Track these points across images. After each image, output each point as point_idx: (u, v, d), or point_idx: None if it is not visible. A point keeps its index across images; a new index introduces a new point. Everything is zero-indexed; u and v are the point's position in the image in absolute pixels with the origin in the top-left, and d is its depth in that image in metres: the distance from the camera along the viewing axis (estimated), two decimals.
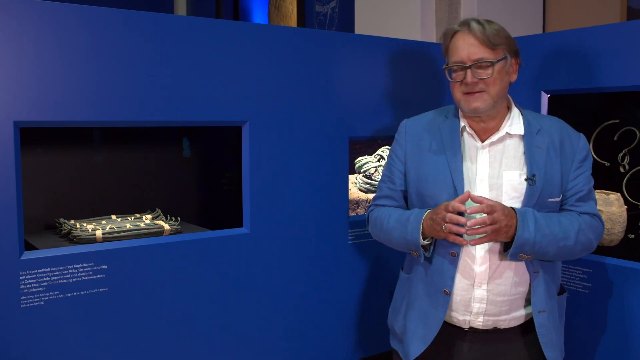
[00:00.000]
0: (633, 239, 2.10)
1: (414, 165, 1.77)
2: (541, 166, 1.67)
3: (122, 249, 1.76)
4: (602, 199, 2.05)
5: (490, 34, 1.64)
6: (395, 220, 1.74)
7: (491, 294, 1.66)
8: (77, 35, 1.66)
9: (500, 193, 1.66)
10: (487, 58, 1.63)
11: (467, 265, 1.66)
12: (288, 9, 4.72)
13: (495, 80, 1.65)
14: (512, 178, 1.66)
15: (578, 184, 1.71)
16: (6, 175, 1.58)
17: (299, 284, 2.12)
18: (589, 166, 1.75)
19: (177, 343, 1.88)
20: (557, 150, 1.70)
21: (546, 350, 1.68)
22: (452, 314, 1.71)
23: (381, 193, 1.87)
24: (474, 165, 1.69)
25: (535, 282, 1.67)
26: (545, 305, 1.68)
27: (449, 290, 1.67)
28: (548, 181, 1.67)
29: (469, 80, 1.63)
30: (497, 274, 1.65)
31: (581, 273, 2.01)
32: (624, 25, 1.94)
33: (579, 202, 1.71)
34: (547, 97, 2.11)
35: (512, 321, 1.70)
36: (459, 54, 1.65)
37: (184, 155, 2.61)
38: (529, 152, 1.68)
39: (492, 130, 1.71)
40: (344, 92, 2.16)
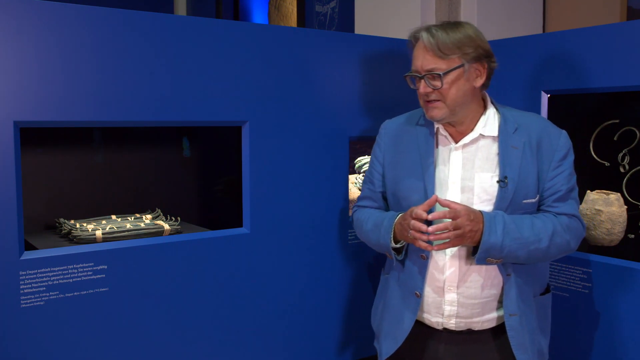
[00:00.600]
0: (633, 239, 2.10)
1: (391, 167, 1.78)
2: (516, 167, 1.64)
3: (122, 249, 1.76)
4: (602, 199, 2.05)
5: (441, 43, 1.60)
6: (372, 224, 1.77)
7: (462, 297, 1.65)
8: (77, 35, 1.66)
9: (471, 195, 1.64)
10: (437, 69, 1.60)
11: (437, 268, 1.66)
12: (288, 9, 4.71)
13: (449, 90, 1.62)
14: (484, 180, 1.64)
15: (556, 184, 1.67)
16: (6, 175, 1.57)
17: (299, 284, 2.12)
18: (569, 165, 1.70)
19: (177, 343, 1.88)
20: (533, 149, 1.67)
21: (517, 354, 1.66)
22: (424, 316, 1.72)
23: (363, 194, 1.89)
24: (447, 168, 1.68)
25: (508, 285, 1.66)
26: (516, 308, 1.66)
27: (419, 293, 1.68)
28: (523, 182, 1.64)
29: (422, 91, 1.64)
30: (466, 277, 1.64)
31: (581, 273, 2.01)
32: (624, 25, 1.94)
33: (556, 203, 1.68)
34: (547, 97, 2.11)
35: (485, 323, 1.69)
36: (414, 63, 1.66)
37: (184, 156, 2.61)
38: (503, 153, 1.65)
39: (465, 132, 1.70)
40: (344, 92, 2.16)
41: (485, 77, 1.67)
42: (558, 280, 2.07)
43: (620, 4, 3.03)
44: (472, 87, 1.65)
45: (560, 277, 2.07)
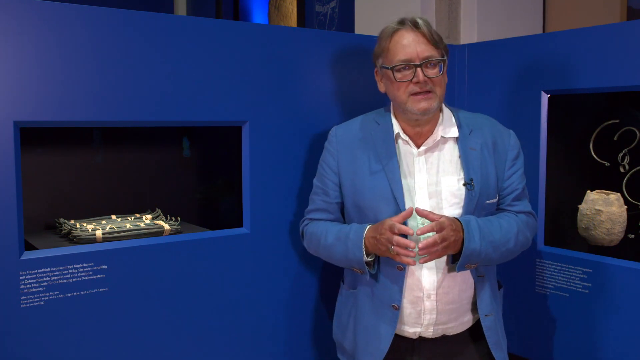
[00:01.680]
0: (633, 239, 2.10)
1: (348, 176, 1.71)
2: (477, 169, 1.63)
3: (122, 249, 1.76)
4: (602, 199, 2.05)
5: (434, 32, 1.59)
6: (334, 237, 1.68)
7: (440, 304, 1.64)
8: (77, 35, 1.66)
9: (440, 200, 1.62)
10: (436, 56, 1.58)
11: (415, 278, 1.63)
12: (288, 9, 4.71)
13: (441, 80, 1.60)
14: (451, 184, 1.63)
15: (513, 183, 1.69)
16: (6, 175, 1.57)
17: (299, 284, 2.12)
18: (521, 164, 1.72)
19: (177, 343, 1.88)
20: (490, 150, 1.67)
21: (495, 352, 1.68)
22: (402, 327, 1.68)
23: (315, 206, 1.80)
24: (412, 174, 1.65)
25: (480, 286, 1.66)
26: (490, 308, 1.68)
27: (397, 305, 1.64)
28: (484, 183, 1.64)
29: (421, 78, 1.56)
30: (444, 283, 1.63)
31: (581, 273, 2.01)
32: (624, 25, 1.94)
33: (515, 202, 1.70)
34: (547, 97, 2.11)
35: (460, 326, 1.69)
36: (405, 51, 1.58)
37: (184, 155, 2.61)
38: (464, 155, 1.64)
39: (426, 135, 1.66)
40: (344, 92, 2.16)
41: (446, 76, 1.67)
42: (558, 280, 2.07)
43: (620, 4, 3.03)
44: (446, 82, 1.65)
45: (560, 277, 2.07)
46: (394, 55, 1.60)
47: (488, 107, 2.24)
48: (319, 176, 1.80)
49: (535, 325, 2.14)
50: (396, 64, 1.59)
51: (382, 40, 1.65)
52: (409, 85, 1.59)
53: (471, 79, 2.34)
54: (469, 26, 3.02)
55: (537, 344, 2.14)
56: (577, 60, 2.02)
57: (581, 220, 2.13)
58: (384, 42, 1.64)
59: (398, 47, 1.59)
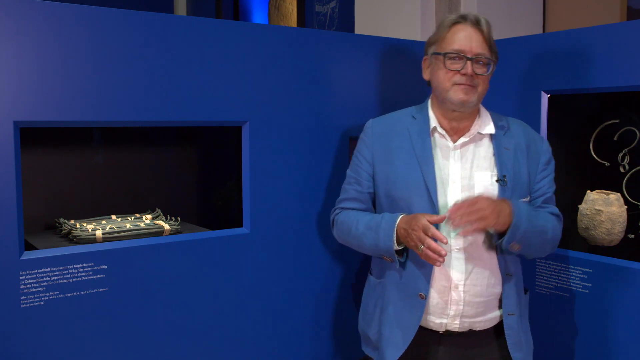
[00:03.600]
0: (633, 239, 2.10)
1: (382, 167, 1.74)
2: (510, 167, 1.67)
3: (122, 249, 1.76)
4: (602, 199, 2.05)
5: (491, 36, 1.66)
6: (365, 226, 1.70)
7: (467, 295, 1.65)
8: (77, 35, 1.66)
9: (472, 194, 1.64)
10: (487, 55, 1.64)
11: (443, 267, 1.64)
12: (288, 9, 4.71)
13: (486, 80, 1.66)
14: (484, 179, 1.66)
15: (544, 186, 1.74)
16: (6, 175, 1.57)
17: (299, 284, 2.12)
18: (552, 169, 1.78)
19: (177, 343, 1.88)
20: (523, 152, 1.71)
21: (513, 352, 1.69)
22: (428, 318, 1.69)
23: (347, 195, 1.82)
24: (446, 166, 1.68)
25: (508, 284, 1.67)
26: (515, 308, 1.69)
27: (424, 294, 1.65)
28: (517, 181, 1.68)
29: (469, 71, 1.61)
30: (472, 275, 1.65)
31: (581, 273, 2.01)
32: (624, 25, 1.94)
33: (545, 204, 1.74)
34: (547, 97, 2.11)
35: (487, 322, 1.70)
36: (460, 43, 1.63)
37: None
38: (498, 153, 1.68)
39: (463, 130, 1.70)
40: (344, 92, 2.16)
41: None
42: (558, 280, 2.07)
43: (620, 4, 3.03)
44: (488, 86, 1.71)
45: (560, 277, 2.07)
46: (449, 44, 1.65)
47: (488, 107, 2.23)
48: (353, 166, 1.83)
49: (535, 325, 2.14)
50: (449, 51, 1.64)
51: (441, 29, 1.69)
52: (455, 74, 1.64)
53: None
54: None
55: (538, 344, 2.14)
56: (577, 60, 2.02)
57: (581, 220, 2.13)
58: (442, 31, 1.68)
59: (455, 37, 1.65)
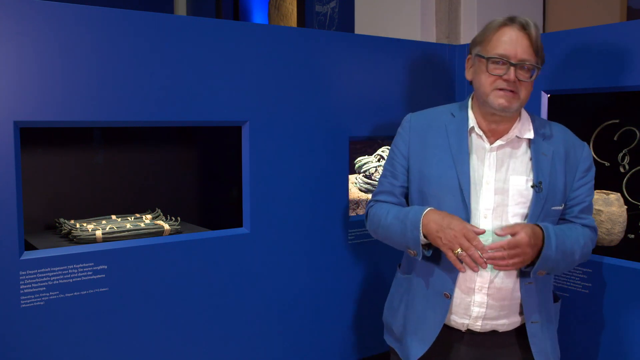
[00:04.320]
0: (633, 239, 2.10)
1: (417, 162, 1.73)
2: (546, 174, 1.65)
3: (122, 249, 1.76)
4: (602, 199, 2.05)
5: (539, 40, 1.62)
6: (393, 217, 1.70)
7: (491, 299, 1.64)
8: (77, 35, 1.66)
9: (506, 197, 1.63)
10: (532, 62, 1.60)
11: (468, 269, 1.63)
12: (288, 9, 4.72)
13: (529, 86, 1.63)
14: (519, 183, 1.64)
15: (581, 194, 1.70)
16: (6, 175, 1.58)
17: (298, 284, 2.12)
18: (592, 177, 1.73)
19: (177, 343, 1.88)
20: (562, 159, 1.68)
21: (538, 358, 1.67)
22: (451, 317, 1.69)
23: (382, 188, 1.82)
24: (481, 168, 1.66)
25: (528, 293, 1.66)
26: (538, 316, 1.67)
27: (449, 294, 1.66)
28: (552, 189, 1.65)
29: (512, 77, 1.58)
30: (498, 279, 1.64)
31: (581, 273, 2.01)
32: (624, 25, 1.94)
33: (582, 214, 1.71)
34: (547, 97, 2.11)
35: (510, 325, 1.69)
36: (505, 47, 1.60)
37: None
38: (536, 159, 1.66)
39: (501, 133, 1.67)
40: (344, 92, 2.16)
41: None
42: (558, 280, 2.07)
43: (620, 4, 3.03)
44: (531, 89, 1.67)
45: (560, 277, 2.07)
46: (493, 48, 1.62)
47: None
48: (389, 160, 1.82)
49: None
50: (493, 55, 1.62)
51: (488, 31, 1.67)
52: (497, 79, 1.61)
53: None
54: (469, 26, 3.02)
55: None
56: (577, 60, 2.02)
57: None
58: (489, 33, 1.66)
59: (501, 41, 1.62)
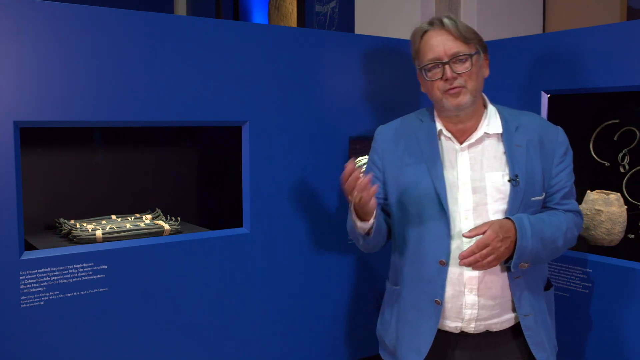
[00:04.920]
0: (633, 239, 2.10)
1: (393, 174, 1.74)
2: (522, 165, 1.64)
3: (122, 249, 1.76)
4: (602, 199, 2.05)
5: (462, 29, 1.63)
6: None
7: (482, 299, 1.64)
8: (77, 35, 1.66)
9: (484, 196, 1.63)
10: (464, 52, 1.61)
11: (457, 272, 1.63)
12: (288, 9, 4.71)
13: (472, 75, 1.62)
14: (495, 179, 1.63)
15: (561, 180, 1.69)
16: (6, 175, 1.58)
17: (298, 284, 2.12)
18: (570, 161, 1.72)
19: (177, 343, 1.88)
20: (536, 147, 1.67)
21: (535, 352, 1.67)
22: (443, 322, 1.68)
23: None
24: (455, 170, 1.66)
25: (518, 286, 1.65)
26: (530, 308, 1.67)
27: (440, 300, 1.65)
28: (530, 180, 1.64)
29: (449, 75, 1.60)
30: (486, 278, 1.63)
31: (581, 273, 2.01)
32: (624, 25, 1.94)
33: (564, 200, 1.70)
34: (547, 97, 2.11)
35: (504, 324, 1.68)
36: (434, 51, 1.62)
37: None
38: (509, 152, 1.65)
39: (469, 131, 1.67)
40: (344, 92, 2.16)
41: (488, 69, 1.70)
42: (558, 280, 2.07)
43: (620, 4, 3.03)
44: (483, 77, 1.68)
45: (560, 277, 2.07)
46: (424, 56, 1.65)
47: None
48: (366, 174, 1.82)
49: None
50: (426, 63, 1.64)
51: (413, 43, 1.70)
52: (439, 82, 1.63)
53: None
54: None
55: None
56: (577, 60, 2.02)
57: None
58: (415, 44, 1.69)
59: (427, 47, 1.65)
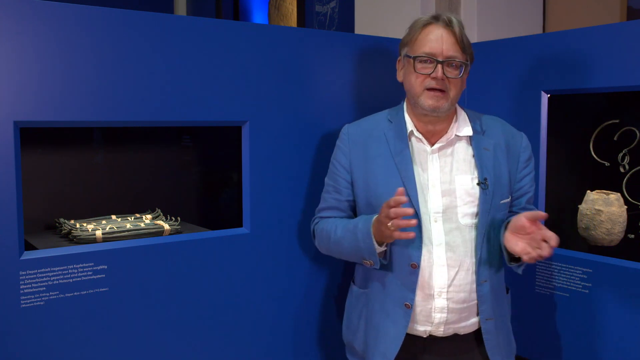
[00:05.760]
0: (633, 239, 2.10)
1: (360, 174, 1.71)
2: (490, 168, 1.64)
3: (122, 249, 1.76)
4: (602, 199, 2.05)
5: (465, 36, 1.62)
6: (342, 229, 1.68)
7: (451, 302, 1.63)
8: (77, 35, 1.66)
9: (454, 198, 1.63)
10: (459, 58, 1.60)
11: (427, 275, 1.62)
12: (288, 9, 4.71)
13: (457, 83, 1.62)
14: (465, 182, 1.63)
15: (526, 185, 1.71)
16: (6, 175, 1.58)
17: (299, 284, 2.12)
18: (533, 167, 1.74)
19: (177, 343, 1.88)
20: (503, 150, 1.68)
21: (491, 355, 1.68)
22: (413, 326, 1.67)
23: (326, 204, 1.80)
24: (426, 172, 1.65)
25: (483, 291, 1.65)
26: (492, 313, 1.67)
27: (410, 304, 1.63)
28: (498, 183, 1.65)
29: (439, 75, 1.58)
30: (455, 282, 1.63)
31: (581, 273, 2.01)
32: (624, 25, 1.94)
33: (529, 205, 1.72)
34: (547, 97, 2.11)
35: (469, 327, 1.69)
36: (432, 45, 1.59)
37: None
38: (478, 155, 1.65)
39: (440, 133, 1.67)
40: (344, 92, 2.16)
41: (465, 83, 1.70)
42: (558, 280, 2.07)
43: (620, 4, 3.03)
44: (463, 88, 1.67)
45: (560, 277, 2.07)
46: (419, 47, 1.62)
47: (488, 107, 2.24)
48: (331, 174, 1.80)
49: (535, 325, 2.14)
50: (420, 54, 1.61)
51: (413, 30, 1.66)
52: (426, 78, 1.61)
53: (471, 79, 2.33)
54: (469, 26, 3.02)
55: (537, 344, 2.14)
56: (577, 60, 2.02)
57: (581, 220, 2.13)
58: (414, 32, 1.65)
59: (426, 39, 1.61)
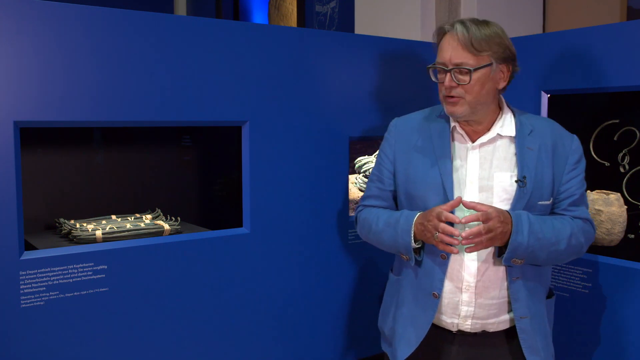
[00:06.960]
0: (633, 239, 2.10)
1: (403, 166, 1.74)
2: (532, 168, 1.64)
3: (122, 249, 1.76)
4: (602, 199, 2.05)
5: (475, 38, 1.58)
6: (384, 223, 1.71)
7: (479, 298, 1.64)
8: (77, 35, 1.66)
9: (490, 195, 1.63)
10: (467, 64, 1.58)
11: (456, 268, 1.64)
12: (288, 9, 4.71)
13: (473, 88, 1.60)
14: (503, 179, 1.64)
15: (571, 187, 1.68)
16: (6, 175, 1.58)
17: (299, 284, 2.12)
18: (582, 169, 1.71)
19: (177, 343, 1.88)
20: (549, 152, 1.67)
21: (528, 354, 1.66)
22: (440, 317, 1.69)
23: (370, 193, 1.83)
24: (464, 167, 1.67)
25: (515, 288, 1.65)
26: (527, 311, 1.66)
27: (437, 293, 1.65)
28: (538, 183, 1.64)
29: (447, 84, 1.61)
30: (485, 277, 1.63)
31: (581, 273, 2.01)
32: (624, 25, 1.94)
33: (572, 207, 1.69)
34: (547, 97, 2.11)
35: (500, 325, 1.68)
36: (442, 55, 1.62)
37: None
38: (520, 154, 1.65)
39: (482, 132, 1.68)
40: (344, 92, 2.16)
41: (508, 80, 1.67)
42: (558, 280, 2.07)
43: (620, 4, 3.03)
44: (495, 88, 1.65)
45: (560, 277, 2.07)
46: (437, 56, 1.66)
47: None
48: (377, 165, 1.84)
49: None
50: (435, 64, 1.65)
51: (436, 39, 1.69)
52: (442, 86, 1.65)
53: None
54: None
55: None
56: (577, 60, 2.02)
57: None
58: (437, 43, 1.69)
59: (440, 49, 1.65)
